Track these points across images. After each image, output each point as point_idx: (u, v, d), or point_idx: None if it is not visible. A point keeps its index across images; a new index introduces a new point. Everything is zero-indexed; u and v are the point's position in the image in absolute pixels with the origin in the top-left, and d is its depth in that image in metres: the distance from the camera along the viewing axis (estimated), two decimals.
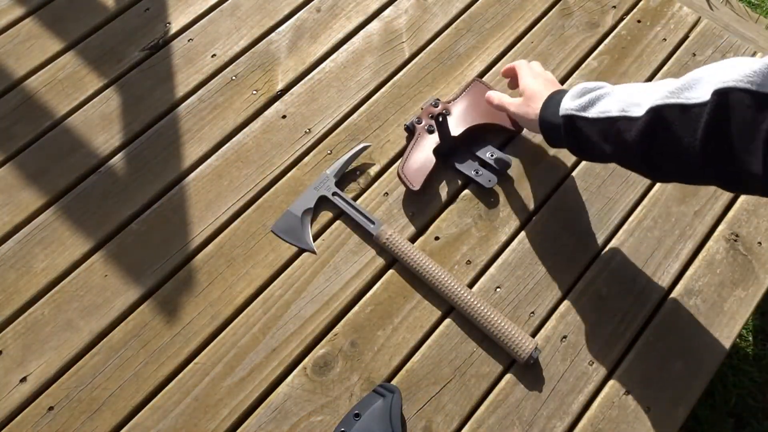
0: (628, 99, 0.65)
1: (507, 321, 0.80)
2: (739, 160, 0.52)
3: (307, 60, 1.04)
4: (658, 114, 0.59)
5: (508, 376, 0.81)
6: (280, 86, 1.02)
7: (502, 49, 1.05)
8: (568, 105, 0.72)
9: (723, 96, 0.53)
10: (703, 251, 0.89)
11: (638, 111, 0.62)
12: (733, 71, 0.53)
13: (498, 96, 0.88)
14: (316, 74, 1.03)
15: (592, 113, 0.69)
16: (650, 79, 1.02)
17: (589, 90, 0.72)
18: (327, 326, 0.84)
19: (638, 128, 0.61)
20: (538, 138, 0.97)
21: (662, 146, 0.60)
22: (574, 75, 1.03)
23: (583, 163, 0.96)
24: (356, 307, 0.85)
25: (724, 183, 0.58)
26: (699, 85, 0.56)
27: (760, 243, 0.90)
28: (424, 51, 1.05)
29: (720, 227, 0.91)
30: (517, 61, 0.90)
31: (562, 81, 1.02)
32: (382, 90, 1.02)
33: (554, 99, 0.76)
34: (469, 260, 0.88)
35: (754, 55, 1.04)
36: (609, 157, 0.69)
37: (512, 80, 0.92)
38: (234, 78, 1.03)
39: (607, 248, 0.89)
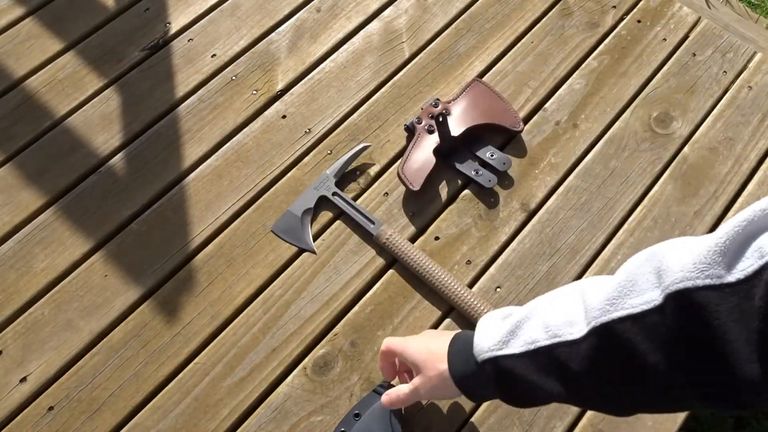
0: (554, 319, 0.52)
1: None
2: (731, 369, 0.41)
3: (307, 60, 1.04)
4: (605, 334, 0.47)
5: None
6: (280, 86, 1.02)
7: (502, 49, 1.05)
8: (483, 345, 0.57)
9: (681, 299, 0.42)
10: None
11: (574, 332, 0.50)
12: (678, 265, 0.43)
13: (394, 393, 0.70)
14: (316, 74, 1.03)
15: (517, 347, 0.54)
16: (650, 79, 1.02)
17: (500, 318, 0.59)
18: (327, 326, 0.84)
19: (585, 354, 0.49)
20: (538, 138, 0.97)
21: (622, 372, 0.48)
22: (574, 75, 1.03)
23: (583, 162, 0.96)
24: (356, 307, 0.85)
25: (710, 401, 0.45)
26: (638, 288, 0.46)
27: None
28: (424, 51, 1.05)
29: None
30: (386, 340, 0.73)
31: (562, 81, 1.02)
32: (382, 90, 1.02)
33: (458, 345, 0.62)
34: (469, 260, 0.88)
35: (753, 56, 1.04)
36: (558, 397, 0.53)
37: (396, 366, 0.75)
38: (234, 78, 1.03)
39: (607, 248, 0.89)
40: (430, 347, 0.66)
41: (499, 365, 0.56)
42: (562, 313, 0.52)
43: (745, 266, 0.40)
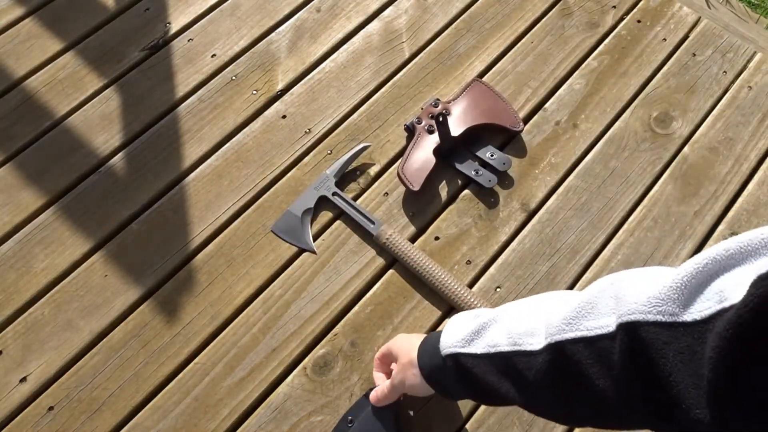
0: (518, 327, 0.53)
1: None
2: (676, 408, 0.40)
3: (307, 60, 1.04)
4: (559, 352, 0.48)
5: None
6: (280, 86, 1.02)
7: (502, 49, 1.05)
8: (448, 341, 0.60)
9: (631, 331, 0.42)
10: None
11: (534, 343, 0.51)
12: (634, 296, 0.43)
13: (379, 390, 0.72)
14: (316, 74, 1.03)
15: (479, 348, 0.56)
16: (650, 79, 1.02)
17: (469, 319, 0.60)
18: (327, 326, 0.84)
19: (540, 368, 0.50)
20: (538, 138, 0.97)
21: (573, 389, 0.48)
22: (575, 75, 1.03)
23: (583, 162, 0.96)
24: (356, 307, 0.85)
25: (655, 427, 0.44)
26: (596, 311, 0.46)
27: None
28: (424, 51, 1.05)
29: (720, 227, 0.91)
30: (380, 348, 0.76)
31: (562, 81, 1.02)
32: (382, 90, 1.02)
33: (429, 341, 0.64)
34: (469, 260, 0.88)
35: (753, 56, 1.04)
36: (513, 400, 0.54)
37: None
38: (234, 78, 1.03)
39: (607, 248, 0.89)
40: (411, 339, 0.69)
41: (460, 362, 0.57)
42: (526, 323, 0.53)
43: (703, 308, 0.38)
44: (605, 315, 0.45)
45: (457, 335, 0.59)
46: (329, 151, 0.96)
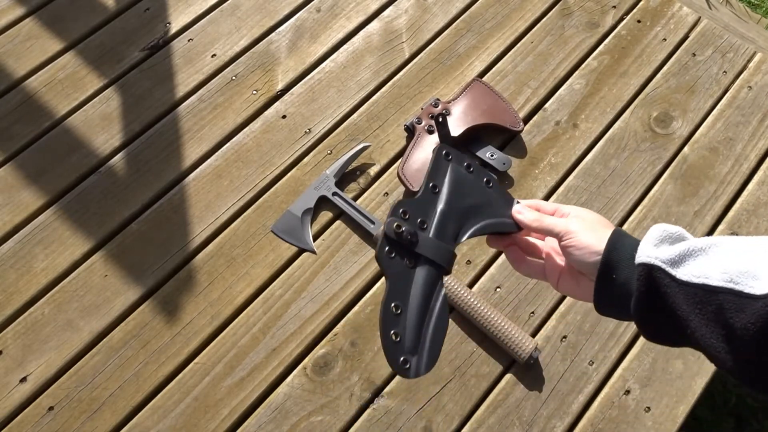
0: (737, 265, 0.46)
1: (507, 321, 0.80)
2: None
3: (307, 60, 1.04)
4: None
5: (508, 376, 0.81)
6: (280, 86, 1.02)
7: (502, 49, 1.05)
8: (649, 251, 0.51)
9: None
10: None
11: (755, 287, 0.44)
12: None
13: (534, 216, 0.60)
14: (316, 74, 1.03)
15: (683, 273, 0.48)
16: (650, 79, 1.02)
17: (675, 238, 0.52)
18: (327, 326, 0.84)
19: (756, 312, 0.43)
20: (538, 138, 0.97)
21: None
22: (575, 75, 1.03)
23: (583, 162, 0.96)
24: (356, 307, 0.85)
25: None
26: None
27: None
28: (424, 51, 1.05)
29: (720, 227, 0.91)
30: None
31: (562, 81, 1.02)
32: (382, 90, 1.02)
33: (625, 238, 0.55)
34: (469, 260, 0.88)
35: (753, 56, 1.04)
36: (696, 341, 0.47)
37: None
38: (234, 78, 1.03)
39: None
40: (598, 217, 0.60)
41: (653, 276, 0.50)
42: (749, 263, 0.46)
43: None
44: None
45: (662, 251, 0.50)
46: (329, 151, 0.96)
